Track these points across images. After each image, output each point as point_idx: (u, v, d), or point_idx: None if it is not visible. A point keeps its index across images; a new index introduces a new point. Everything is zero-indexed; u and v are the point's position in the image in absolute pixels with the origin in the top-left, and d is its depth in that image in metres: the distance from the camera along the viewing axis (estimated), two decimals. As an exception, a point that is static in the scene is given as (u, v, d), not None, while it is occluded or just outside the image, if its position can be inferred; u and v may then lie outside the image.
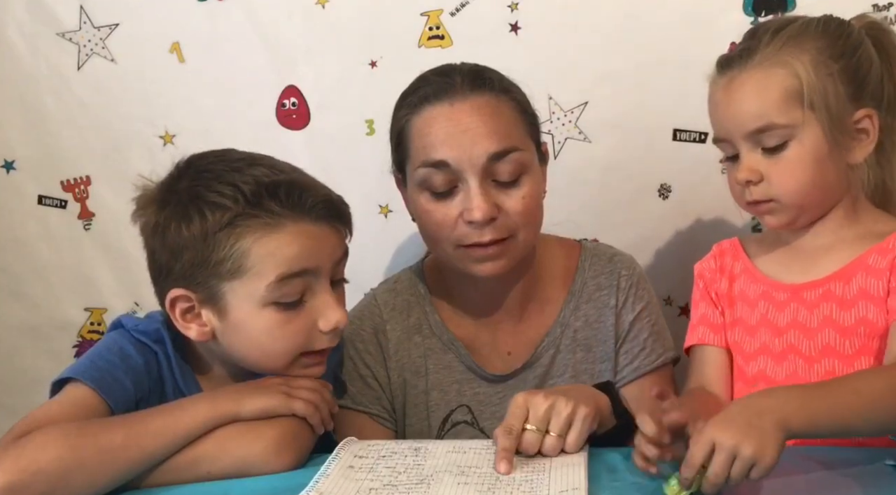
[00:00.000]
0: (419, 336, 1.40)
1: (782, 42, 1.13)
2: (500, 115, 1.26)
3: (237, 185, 1.10)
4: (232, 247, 1.09)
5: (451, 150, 1.24)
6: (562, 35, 1.64)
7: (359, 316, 1.42)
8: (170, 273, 1.12)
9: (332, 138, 1.74)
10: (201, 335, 1.14)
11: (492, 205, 1.24)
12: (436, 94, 1.27)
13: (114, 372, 1.13)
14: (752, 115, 1.13)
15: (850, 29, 1.16)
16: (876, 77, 1.15)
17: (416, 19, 1.68)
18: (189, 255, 1.10)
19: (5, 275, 1.86)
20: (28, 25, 1.77)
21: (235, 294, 1.11)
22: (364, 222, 1.75)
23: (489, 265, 1.27)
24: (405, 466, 1.06)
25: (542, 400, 1.06)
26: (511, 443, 1.04)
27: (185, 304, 1.13)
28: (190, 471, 1.07)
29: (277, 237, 1.10)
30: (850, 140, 1.14)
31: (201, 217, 1.09)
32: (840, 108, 1.12)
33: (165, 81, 1.76)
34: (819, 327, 1.15)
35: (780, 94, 1.12)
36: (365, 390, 1.38)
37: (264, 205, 1.10)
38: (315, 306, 1.13)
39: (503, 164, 1.25)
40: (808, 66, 1.12)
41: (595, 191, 1.66)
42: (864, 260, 1.15)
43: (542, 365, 1.37)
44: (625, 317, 1.37)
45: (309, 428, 1.13)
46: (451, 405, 1.38)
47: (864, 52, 1.15)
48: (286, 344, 1.13)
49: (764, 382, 1.18)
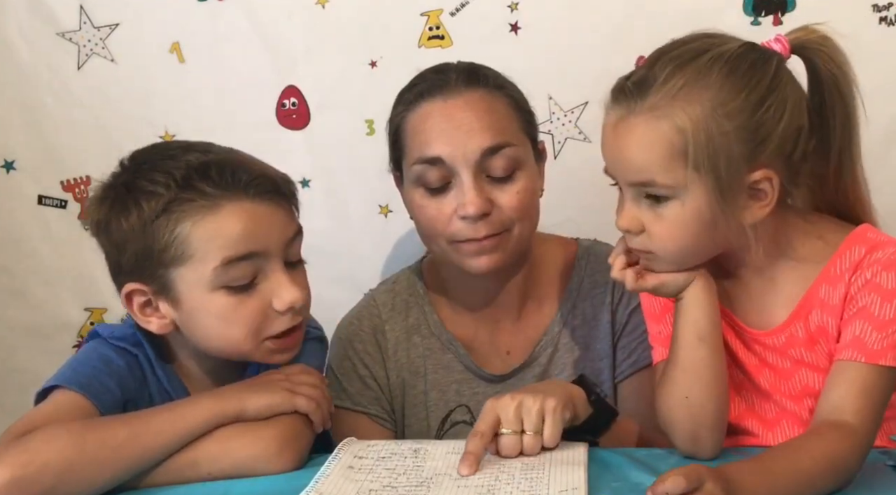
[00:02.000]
0: (418, 336, 1.40)
1: (678, 87, 1.00)
2: (493, 110, 1.26)
3: (169, 172, 1.10)
4: (171, 233, 1.09)
5: (445, 146, 1.25)
6: (562, 35, 1.64)
7: (357, 316, 1.42)
8: (120, 269, 1.13)
9: (332, 138, 1.74)
10: (162, 327, 1.14)
11: (485, 200, 1.24)
12: (430, 91, 1.27)
13: (98, 377, 1.13)
14: (634, 168, 1.03)
15: (760, 73, 1.02)
16: (787, 131, 1.02)
17: (416, 19, 1.68)
18: (133, 248, 1.10)
19: (5, 275, 1.85)
20: (28, 25, 1.76)
21: (184, 281, 1.11)
22: (364, 222, 1.77)
23: (484, 259, 1.27)
24: (405, 468, 1.06)
25: (510, 401, 1.06)
26: (476, 447, 1.04)
27: (141, 298, 1.14)
28: (191, 471, 1.07)
29: (216, 219, 1.09)
30: (747, 199, 1.03)
31: (137, 207, 1.10)
32: (732, 170, 1.00)
33: (165, 81, 1.75)
34: (793, 369, 1.12)
35: (663, 151, 1.01)
36: (364, 391, 1.38)
37: (197, 188, 1.10)
38: (268, 287, 1.13)
39: (497, 159, 1.25)
40: (699, 122, 0.99)
41: (595, 191, 1.65)
42: (816, 293, 1.08)
43: (540, 364, 1.37)
44: (621, 312, 1.36)
45: (309, 427, 1.13)
46: (450, 405, 1.38)
47: (774, 103, 1.01)
48: (242, 327, 1.12)
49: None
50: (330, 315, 1.48)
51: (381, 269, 1.74)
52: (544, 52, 1.64)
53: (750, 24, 1.57)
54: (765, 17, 1.57)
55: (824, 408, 1.04)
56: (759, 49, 1.05)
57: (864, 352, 1.03)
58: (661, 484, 0.87)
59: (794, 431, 1.13)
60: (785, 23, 1.56)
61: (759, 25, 1.57)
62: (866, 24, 1.55)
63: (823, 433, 1.01)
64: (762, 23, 1.58)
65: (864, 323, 1.04)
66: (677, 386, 1.10)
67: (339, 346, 1.41)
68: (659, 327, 1.17)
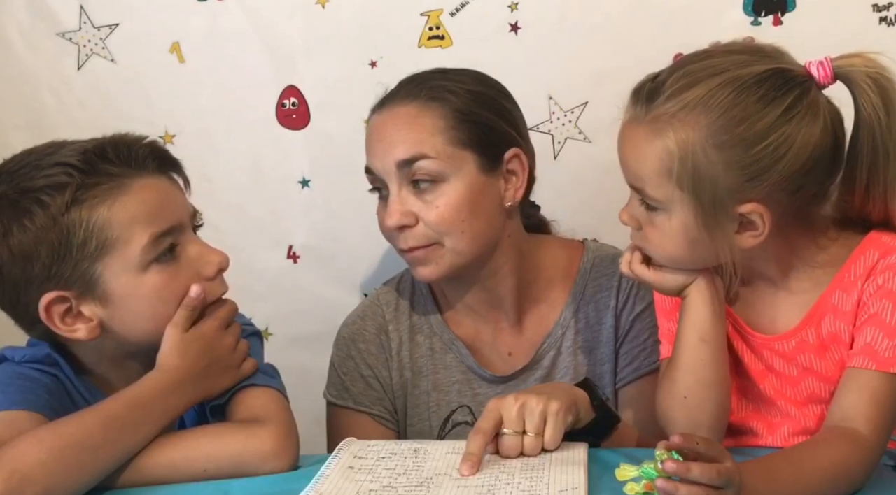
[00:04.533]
0: (421, 335, 1.40)
1: (682, 105, 0.99)
2: (416, 124, 1.27)
3: (62, 162, 1.05)
4: (88, 223, 1.04)
5: (373, 158, 1.30)
6: (562, 35, 1.64)
7: (361, 315, 1.42)
8: (30, 282, 1.05)
9: (332, 138, 1.74)
10: (91, 331, 1.08)
11: (402, 213, 1.26)
12: (380, 103, 1.32)
13: (32, 390, 1.08)
14: (631, 173, 1.06)
15: (769, 107, 0.97)
16: (788, 170, 0.98)
17: (416, 19, 1.68)
18: (45, 250, 1.03)
19: (5, 275, 1.85)
20: (28, 25, 1.76)
21: (110, 270, 1.06)
22: (364, 222, 1.76)
23: (420, 269, 1.30)
24: (405, 468, 1.06)
25: (513, 401, 1.06)
26: (477, 447, 1.04)
27: (61, 306, 1.06)
28: (187, 468, 1.06)
29: (128, 199, 1.06)
30: (739, 225, 1.01)
31: (40, 204, 1.03)
32: (717, 199, 0.99)
33: (165, 81, 1.75)
34: (800, 376, 1.11)
35: (654, 166, 1.01)
36: (367, 390, 1.38)
37: (100, 169, 1.05)
38: (191, 258, 1.11)
39: (414, 172, 1.26)
40: (688, 147, 0.98)
41: (595, 191, 1.66)
42: (829, 299, 1.07)
43: (543, 366, 1.36)
44: (625, 317, 1.36)
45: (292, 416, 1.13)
46: (451, 405, 1.38)
47: (776, 141, 0.97)
48: (177, 301, 1.10)
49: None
50: (330, 315, 1.49)
51: (380, 269, 1.74)
52: (544, 52, 1.64)
53: (750, 24, 1.57)
54: (765, 16, 1.57)
55: (835, 415, 1.03)
56: (784, 76, 0.99)
57: (875, 359, 1.02)
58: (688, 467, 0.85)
59: (796, 436, 1.13)
60: (785, 23, 1.56)
61: (760, 25, 1.57)
62: (866, 24, 1.55)
63: (833, 441, 1.00)
64: (762, 23, 1.57)
65: (876, 330, 1.03)
66: (676, 386, 1.10)
67: (343, 346, 1.41)
68: (668, 324, 1.17)
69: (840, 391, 1.04)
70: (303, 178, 1.76)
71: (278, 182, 1.77)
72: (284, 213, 1.78)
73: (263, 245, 1.78)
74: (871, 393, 1.01)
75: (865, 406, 1.01)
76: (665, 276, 1.10)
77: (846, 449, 0.98)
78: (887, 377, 1.02)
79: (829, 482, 0.97)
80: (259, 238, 1.78)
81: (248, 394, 1.15)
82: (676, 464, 0.85)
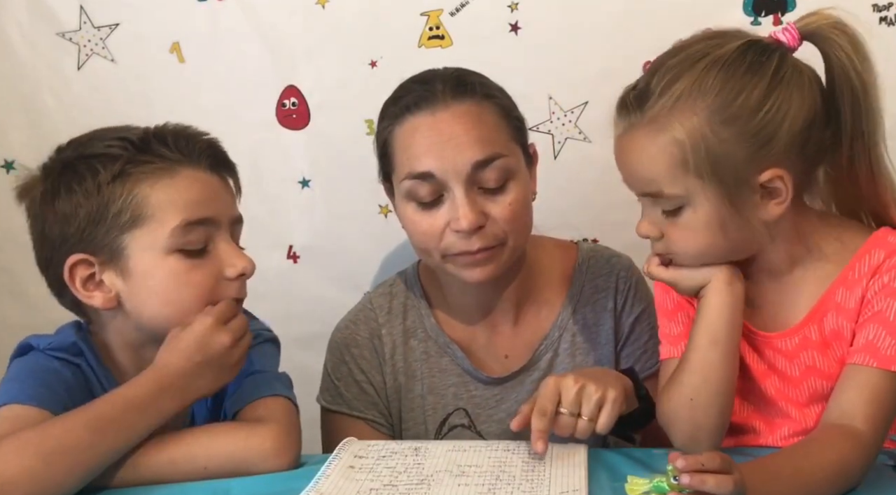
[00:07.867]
0: (415, 339, 1.39)
1: (675, 97, 1.00)
2: (482, 122, 1.25)
3: (124, 137, 1.11)
4: (129, 194, 1.08)
5: (435, 161, 1.23)
6: (562, 35, 1.64)
7: (354, 320, 1.41)
8: (64, 241, 1.10)
9: (332, 138, 1.74)
10: (107, 302, 1.11)
11: (479, 214, 1.23)
12: (417, 104, 1.25)
13: (48, 386, 1.09)
14: (643, 180, 1.05)
15: (759, 74, 1.00)
16: (795, 127, 1.00)
17: (416, 19, 1.68)
18: (84, 212, 1.08)
19: (5, 275, 1.85)
20: (28, 25, 1.77)
21: (137, 244, 1.09)
22: (364, 222, 1.77)
23: (478, 271, 1.26)
24: (405, 466, 1.06)
25: (573, 383, 1.08)
26: (545, 425, 1.06)
27: (85, 271, 1.10)
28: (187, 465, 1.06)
29: (173, 182, 1.10)
30: (760, 198, 1.03)
31: (91, 171, 1.09)
32: (738, 174, 1.01)
33: (165, 81, 1.75)
34: (802, 376, 1.11)
35: (666, 163, 1.02)
36: (361, 395, 1.38)
37: (155, 150, 1.11)
38: (219, 255, 1.13)
39: (488, 172, 1.23)
40: (696, 133, 1.00)
41: (595, 191, 1.66)
42: (832, 296, 1.08)
43: (539, 368, 1.36)
44: (625, 319, 1.36)
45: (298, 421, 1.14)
46: (447, 408, 1.37)
47: (776, 103, 1.00)
48: (193, 292, 1.11)
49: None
50: (330, 315, 1.48)
51: (380, 269, 1.74)
52: (544, 52, 1.64)
53: (750, 24, 1.57)
54: (765, 16, 1.57)
55: (833, 412, 1.03)
56: (759, 46, 1.03)
57: (876, 356, 1.02)
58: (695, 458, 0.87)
59: (796, 436, 1.12)
60: (785, 23, 1.56)
61: (760, 25, 1.57)
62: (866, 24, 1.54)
63: (831, 439, 1.00)
64: (762, 23, 1.58)
65: (879, 327, 1.03)
66: (684, 387, 1.09)
67: (336, 351, 1.40)
68: (669, 324, 1.17)
69: (839, 387, 1.04)
70: (303, 178, 1.76)
71: (278, 182, 1.77)
72: (284, 213, 1.78)
73: (263, 245, 1.77)
74: (871, 390, 1.02)
75: (865, 403, 1.01)
76: (683, 274, 1.10)
77: (845, 447, 0.99)
78: (888, 375, 1.02)
79: (829, 481, 0.97)
80: (259, 238, 1.77)
81: (261, 405, 1.14)
82: (692, 477, 0.86)
